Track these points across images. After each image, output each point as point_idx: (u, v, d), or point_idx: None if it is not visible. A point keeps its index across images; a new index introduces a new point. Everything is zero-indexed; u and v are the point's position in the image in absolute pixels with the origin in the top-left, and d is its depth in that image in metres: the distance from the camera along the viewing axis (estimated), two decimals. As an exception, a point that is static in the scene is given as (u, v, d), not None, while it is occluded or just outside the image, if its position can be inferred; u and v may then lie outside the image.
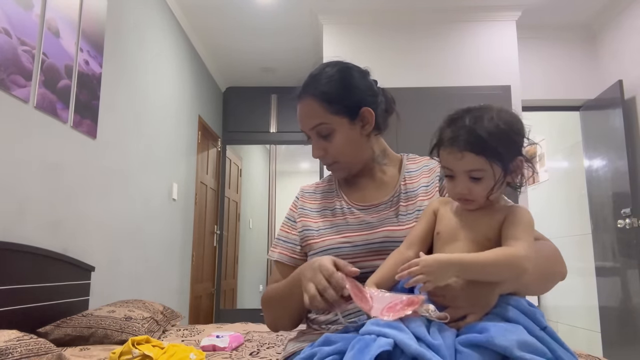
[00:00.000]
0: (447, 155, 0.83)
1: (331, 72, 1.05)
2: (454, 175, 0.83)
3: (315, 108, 1.03)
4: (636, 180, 3.24)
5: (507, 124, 0.81)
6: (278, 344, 1.85)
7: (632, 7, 3.42)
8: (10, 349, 1.23)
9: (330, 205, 1.11)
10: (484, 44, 3.65)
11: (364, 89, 1.05)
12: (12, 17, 1.79)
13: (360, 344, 0.68)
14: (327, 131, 1.03)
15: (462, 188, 0.82)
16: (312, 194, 1.16)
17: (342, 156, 1.05)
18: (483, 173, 0.80)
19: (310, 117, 1.04)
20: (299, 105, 1.06)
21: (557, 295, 4.60)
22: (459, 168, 0.82)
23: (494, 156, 0.79)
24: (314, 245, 1.04)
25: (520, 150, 0.83)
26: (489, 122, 0.80)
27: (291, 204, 1.19)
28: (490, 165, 0.79)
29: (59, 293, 2.03)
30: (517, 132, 0.83)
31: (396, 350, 0.67)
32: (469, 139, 0.80)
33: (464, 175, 0.82)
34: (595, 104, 3.70)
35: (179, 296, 3.73)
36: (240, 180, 5.72)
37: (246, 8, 3.66)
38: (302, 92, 1.06)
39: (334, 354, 0.71)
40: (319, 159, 1.08)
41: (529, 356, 0.67)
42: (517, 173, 0.84)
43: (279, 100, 5.13)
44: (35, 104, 1.92)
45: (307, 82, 1.06)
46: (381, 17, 3.71)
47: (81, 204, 2.28)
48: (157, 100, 3.26)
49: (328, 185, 1.17)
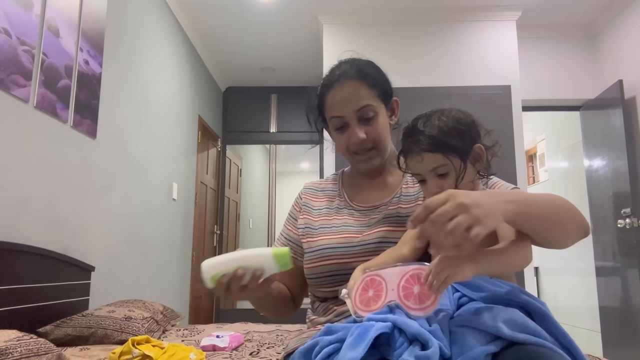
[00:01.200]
0: (410, 162, 0.90)
1: (367, 60, 1.08)
2: (424, 179, 0.89)
3: (361, 90, 1.03)
4: (636, 180, 3.24)
5: (454, 119, 0.88)
6: (278, 344, 1.85)
7: (632, 7, 3.42)
8: (10, 349, 1.23)
9: (331, 205, 1.12)
10: (484, 44, 3.65)
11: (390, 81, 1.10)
12: (12, 17, 1.79)
13: (359, 330, 0.69)
14: (372, 114, 1.03)
15: (433, 187, 0.88)
16: (315, 192, 1.17)
17: (381, 141, 1.05)
18: (446, 168, 0.86)
19: (358, 99, 1.02)
20: (339, 88, 1.04)
21: (557, 295, 4.61)
22: (424, 169, 0.88)
23: (448, 150, 0.86)
24: (312, 243, 1.06)
25: (475, 139, 0.89)
26: (438, 121, 0.88)
27: (294, 201, 1.20)
28: (448, 159, 0.86)
29: (59, 293, 2.03)
30: (465, 124, 0.88)
31: (395, 332, 0.69)
32: (422, 141, 0.87)
33: (431, 175, 0.88)
34: (595, 104, 3.70)
35: (179, 296, 3.73)
36: (240, 180, 5.72)
37: (246, 8, 3.66)
38: (344, 75, 1.04)
39: (336, 342, 0.72)
40: (355, 145, 1.05)
41: (522, 335, 0.67)
42: (480, 161, 0.90)
43: (279, 100, 5.13)
44: (35, 103, 1.92)
45: (348, 68, 1.05)
46: (381, 17, 3.71)
47: (81, 204, 2.28)
48: (157, 100, 3.26)
49: (332, 184, 1.18)
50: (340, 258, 1.00)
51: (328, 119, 1.08)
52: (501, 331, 0.67)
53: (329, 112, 1.07)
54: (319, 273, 1.02)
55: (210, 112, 4.70)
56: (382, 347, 0.69)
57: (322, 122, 1.14)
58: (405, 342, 0.68)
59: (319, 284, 1.03)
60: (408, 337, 0.68)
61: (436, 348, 0.65)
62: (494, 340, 0.68)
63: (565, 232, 0.84)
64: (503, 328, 0.68)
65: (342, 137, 1.06)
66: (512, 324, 0.69)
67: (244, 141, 5.33)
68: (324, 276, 1.01)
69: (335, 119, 1.06)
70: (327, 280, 1.01)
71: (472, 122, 0.90)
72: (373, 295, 0.77)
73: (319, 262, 1.02)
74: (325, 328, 0.77)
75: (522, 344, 0.67)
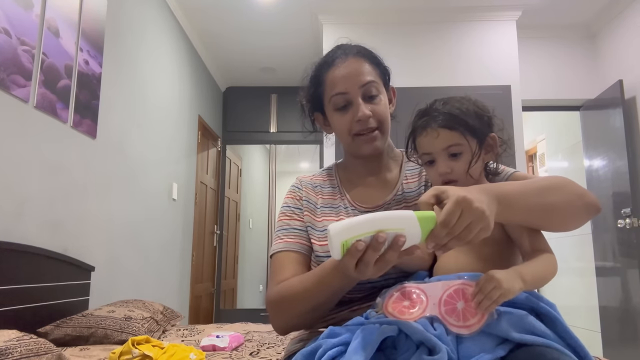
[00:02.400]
0: (424, 139, 0.88)
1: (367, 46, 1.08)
2: (434, 159, 0.87)
3: (366, 66, 1.02)
4: (636, 180, 3.24)
5: (474, 103, 0.89)
6: (278, 344, 1.85)
7: (632, 7, 3.42)
8: (10, 349, 1.23)
9: (334, 203, 1.05)
10: (484, 44, 3.65)
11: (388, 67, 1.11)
12: (12, 17, 1.79)
13: (364, 332, 0.68)
14: (375, 91, 1.01)
15: (443, 167, 0.85)
16: (313, 188, 1.09)
17: (385, 122, 1.03)
18: (461, 147, 0.85)
19: (362, 74, 1.00)
20: (342, 65, 1.01)
21: (557, 295, 4.60)
22: (437, 147, 0.86)
23: (467, 129, 0.85)
24: (314, 245, 1.00)
25: (491, 127, 0.89)
26: (457, 102, 0.88)
27: (289, 193, 1.10)
28: (465, 139, 0.85)
29: (59, 293, 2.03)
30: (483, 109, 0.89)
31: (401, 336, 0.67)
32: (442, 117, 0.85)
33: (443, 154, 0.86)
34: (596, 104, 3.70)
35: (179, 296, 3.73)
36: (240, 180, 5.72)
37: (246, 8, 3.66)
38: (346, 52, 1.03)
39: (340, 345, 0.70)
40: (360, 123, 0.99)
41: (529, 337, 0.67)
42: (492, 152, 0.89)
43: (279, 100, 5.13)
44: (35, 103, 1.92)
45: (348, 47, 1.05)
46: (381, 17, 3.71)
47: (81, 204, 2.28)
48: (157, 100, 3.26)
49: (329, 179, 1.11)
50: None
51: (328, 98, 1.02)
52: (510, 334, 0.67)
53: (330, 90, 1.01)
54: None
55: (210, 112, 4.70)
56: (388, 351, 0.68)
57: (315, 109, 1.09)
58: (412, 346, 0.66)
59: None
60: (414, 341, 0.66)
61: (444, 353, 0.64)
62: (501, 344, 0.68)
63: (565, 216, 0.82)
64: (511, 331, 0.67)
65: (345, 117, 1.01)
66: (520, 327, 0.68)
67: (244, 141, 5.33)
68: None
69: (338, 96, 1.00)
70: None
71: (488, 109, 0.91)
72: (409, 305, 0.73)
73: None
74: (328, 330, 0.75)
75: (531, 346, 0.66)
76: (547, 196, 0.80)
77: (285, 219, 1.06)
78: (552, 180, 0.83)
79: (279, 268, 0.99)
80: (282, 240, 1.02)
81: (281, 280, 0.95)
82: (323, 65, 1.05)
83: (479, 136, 0.86)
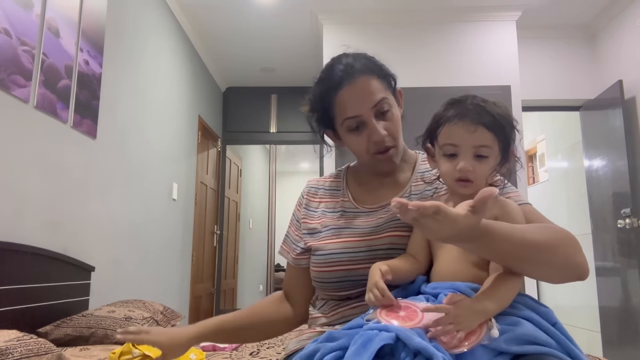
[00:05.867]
0: (457, 129, 0.82)
1: (364, 53, 1.04)
2: (458, 153, 0.82)
3: (374, 84, 0.97)
4: (636, 180, 3.24)
5: (507, 110, 0.85)
6: (278, 344, 1.85)
7: (632, 7, 3.42)
8: (10, 349, 1.23)
9: (335, 206, 1.06)
10: (484, 44, 3.65)
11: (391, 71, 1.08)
12: (12, 17, 1.79)
13: (362, 339, 0.68)
14: (387, 107, 0.98)
15: (466, 164, 0.81)
16: (316, 190, 1.12)
17: (399, 135, 1.01)
18: (489, 151, 0.81)
19: (372, 94, 0.96)
20: (350, 86, 0.96)
21: (557, 295, 4.60)
22: (469, 142, 0.81)
23: (501, 135, 0.82)
24: (315, 246, 1.01)
25: (515, 140, 0.87)
26: (494, 105, 0.84)
27: (296, 204, 1.16)
28: (497, 144, 0.82)
29: (59, 293, 2.03)
30: (514, 120, 0.86)
31: (398, 344, 0.67)
32: (482, 114, 0.81)
33: (470, 152, 0.81)
34: (595, 104, 3.70)
35: (179, 296, 3.73)
36: (240, 180, 5.72)
37: (246, 8, 3.66)
38: (352, 71, 0.97)
39: (338, 349, 0.70)
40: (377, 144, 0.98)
41: (531, 347, 0.67)
42: (507, 164, 0.87)
43: (279, 100, 5.13)
44: (35, 104, 1.92)
45: (352, 62, 0.99)
46: (381, 17, 3.71)
47: (81, 204, 2.28)
48: (157, 100, 3.26)
49: (336, 182, 1.12)
50: (346, 264, 0.95)
51: (341, 121, 0.99)
52: (510, 349, 0.67)
53: (341, 114, 0.99)
54: (324, 278, 0.98)
55: (210, 112, 4.70)
56: (386, 358, 0.68)
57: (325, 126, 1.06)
58: (409, 355, 0.66)
59: (325, 288, 0.99)
60: (411, 350, 0.66)
61: None
62: (501, 354, 0.68)
63: (543, 276, 0.80)
64: (511, 346, 0.67)
65: (360, 138, 0.99)
66: (520, 339, 0.68)
67: (244, 141, 5.34)
68: (330, 282, 0.97)
69: (350, 120, 0.98)
70: (333, 286, 0.97)
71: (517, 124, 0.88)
72: (404, 316, 0.74)
73: (324, 268, 0.97)
74: (327, 334, 0.76)
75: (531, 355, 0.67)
76: (536, 253, 0.75)
77: (290, 227, 1.15)
78: (551, 237, 0.78)
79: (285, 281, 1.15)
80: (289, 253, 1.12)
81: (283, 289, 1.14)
82: (329, 87, 0.99)
83: (506, 145, 0.83)
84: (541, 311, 0.76)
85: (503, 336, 0.69)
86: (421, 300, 0.78)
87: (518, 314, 0.74)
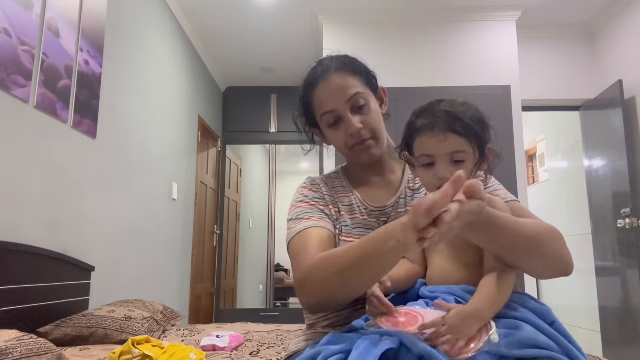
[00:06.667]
0: (428, 140, 0.82)
1: (344, 54, 1.07)
2: (435, 162, 0.83)
3: (349, 80, 1.02)
4: (636, 180, 3.24)
5: (478, 111, 0.85)
6: (278, 344, 1.85)
7: (631, 7, 3.42)
8: (10, 349, 1.23)
9: (346, 201, 1.06)
10: (484, 44, 3.65)
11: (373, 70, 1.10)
12: (12, 17, 1.79)
13: (365, 343, 0.68)
14: (363, 102, 1.01)
15: (444, 172, 0.81)
16: (327, 184, 1.10)
17: (378, 129, 1.03)
18: (465, 155, 0.82)
19: (348, 88, 1.01)
20: (325, 83, 1.02)
21: (557, 295, 4.60)
22: (442, 151, 0.81)
23: (473, 137, 0.82)
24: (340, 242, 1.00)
25: (490, 138, 0.86)
26: (463, 107, 0.83)
27: (305, 186, 1.09)
28: (471, 147, 0.82)
29: (59, 293, 2.03)
30: (487, 119, 0.86)
31: (402, 349, 0.67)
32: (450, 121, 0.81)
33: (446, 159, 0.82)
34: (595, 104, 3.70)
35: (179, 296, 3.73)
36: (240, 180, 5.72)
37: (246, 8, 3.66)
38: (327, 69, 1.03)
39: (340, 353, 0.70)
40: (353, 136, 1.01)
41: (532, 351, 0.68)
42: (486, 162, 0.87)
43: (279, 100, 5.13)
44: (35, 104, 1.92)
45: (329, 62, 1.05)
46: (381, 17, 3.71)
47: (81, 204, 2.28)
48: (157, 100, 3.26)
49: (338, 180, 1.12)
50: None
51: (319, 117, 1.05)
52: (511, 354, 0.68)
53: (319, 110, 1.04)
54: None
55: (210, 112, 4.70)
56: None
57: (312, 125, 1.10)
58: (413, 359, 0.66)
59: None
60: (415, 354, 0.66)
61: None
62: (502, 358, 0.69)
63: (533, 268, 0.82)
64: (512, 350, 0.68)
65: (338, 133, 1.03)
66: (521, 343, 0.69)
67: (244, 141, 5.34)
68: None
69: (327, 114, 1.03)
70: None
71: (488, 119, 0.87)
72: (404, 322, 0.74)
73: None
74: (328, 337, 0.76)
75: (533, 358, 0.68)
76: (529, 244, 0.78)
77: (304, 206, 1.03)
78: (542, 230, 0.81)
79: (308, 244, 0.92)
80: (308, 220, 0.98)
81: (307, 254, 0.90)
82: (308, 86, 1.06)
83: (481, 146, 0.83)
84: (539, 310, 0.76)
85: (504, 340, 0.69)
86: (421, 306, 0.79)
87: (516, 315, 0.74)
